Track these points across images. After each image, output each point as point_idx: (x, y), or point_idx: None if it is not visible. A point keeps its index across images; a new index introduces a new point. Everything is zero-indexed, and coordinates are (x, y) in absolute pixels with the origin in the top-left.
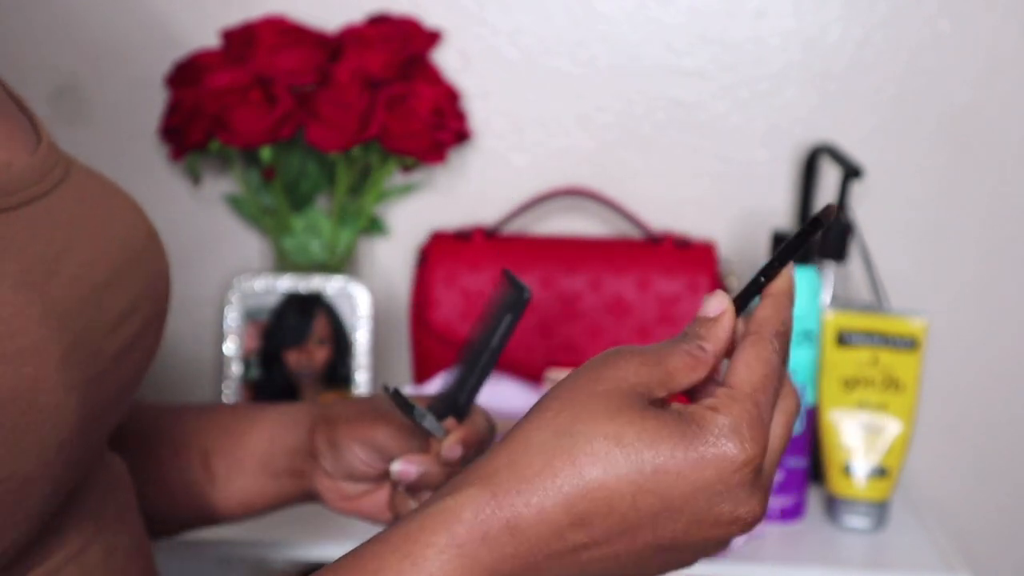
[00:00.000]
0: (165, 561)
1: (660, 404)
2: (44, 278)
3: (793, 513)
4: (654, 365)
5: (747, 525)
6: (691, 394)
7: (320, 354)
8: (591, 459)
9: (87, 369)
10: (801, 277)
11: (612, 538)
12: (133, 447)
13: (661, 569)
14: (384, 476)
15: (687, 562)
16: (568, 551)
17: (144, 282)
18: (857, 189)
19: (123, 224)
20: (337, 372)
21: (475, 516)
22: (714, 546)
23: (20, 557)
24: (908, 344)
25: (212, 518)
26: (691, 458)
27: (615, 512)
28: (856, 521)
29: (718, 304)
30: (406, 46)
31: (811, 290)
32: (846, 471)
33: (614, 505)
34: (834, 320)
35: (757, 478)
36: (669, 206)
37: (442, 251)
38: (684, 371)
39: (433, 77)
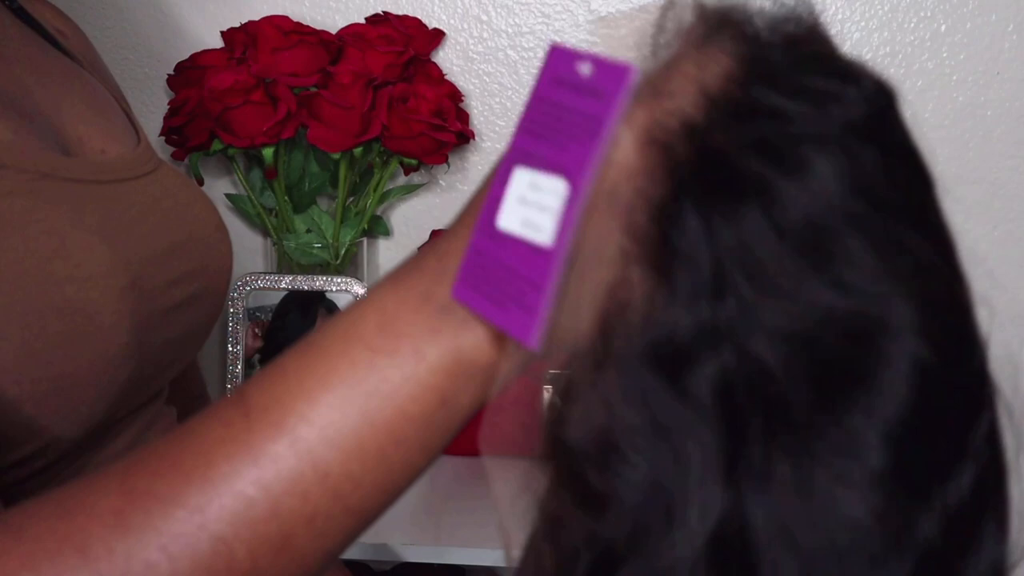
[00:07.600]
0: None
1: None
2: (116, 232)
3: None
4: None
5: None
6: None
7: None
8: None
9: (141, 307)
10: None
11: None
12: None
13: None
14: None
15: None
16: None
17: (202, 260)
18: None
19: (193, 213)
20: None
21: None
22: None
23: (68, 454)
24: None
25: None
26: None
27: None
28: None
29: None
30: (408, 47)
31: None
32: None
33: None
34: None
35: None
36: None
37: None
38: None
39: (435, 78)
